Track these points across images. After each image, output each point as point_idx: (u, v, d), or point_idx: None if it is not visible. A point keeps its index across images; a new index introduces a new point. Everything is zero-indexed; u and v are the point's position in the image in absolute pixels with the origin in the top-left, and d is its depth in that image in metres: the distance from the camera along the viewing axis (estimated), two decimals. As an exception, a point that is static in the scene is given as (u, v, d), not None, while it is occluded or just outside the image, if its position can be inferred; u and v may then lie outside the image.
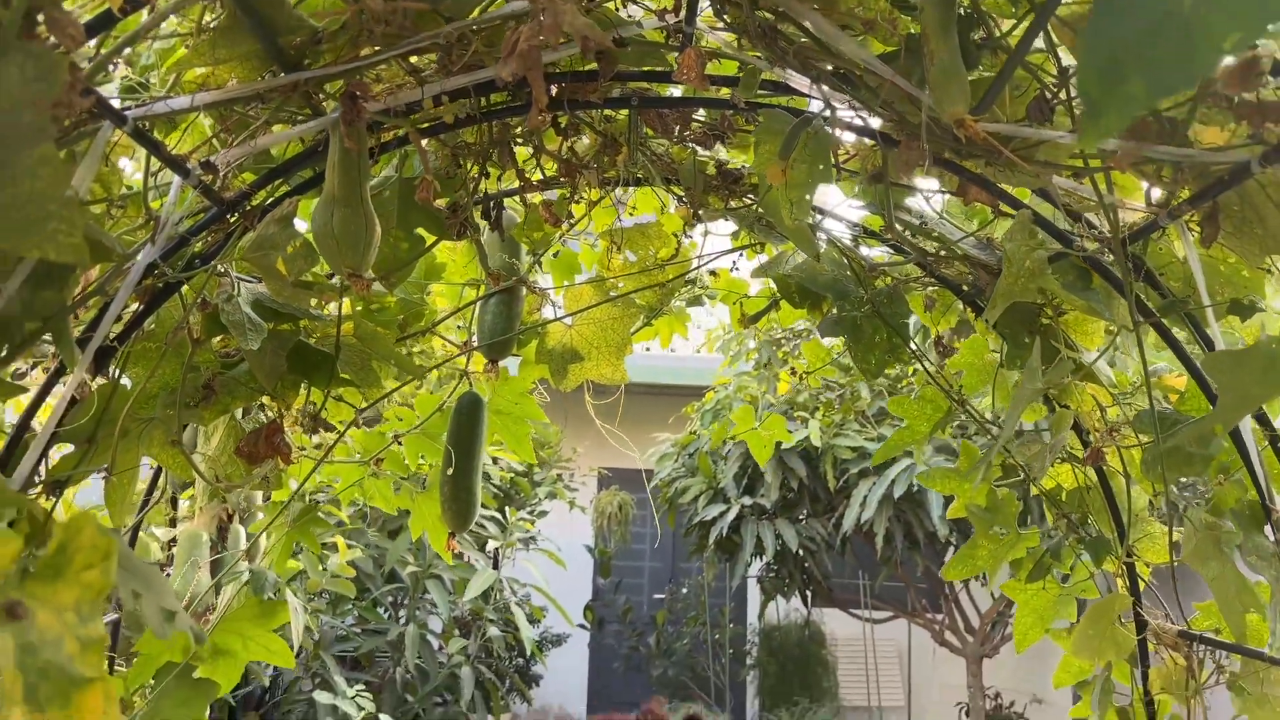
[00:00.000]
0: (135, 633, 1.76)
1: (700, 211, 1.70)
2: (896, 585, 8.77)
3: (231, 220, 1.35)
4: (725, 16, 1.24)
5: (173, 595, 0.81)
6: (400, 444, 1.77)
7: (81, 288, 1.22)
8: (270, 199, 1.35)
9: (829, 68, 1.21)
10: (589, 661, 10.10)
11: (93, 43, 1.06)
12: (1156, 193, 1.31)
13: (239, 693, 5.47)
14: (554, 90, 1.30)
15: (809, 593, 8.21)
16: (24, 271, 1.01)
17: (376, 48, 1.11)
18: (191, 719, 1.65)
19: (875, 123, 1.32)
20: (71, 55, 0.79)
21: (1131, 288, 1.32)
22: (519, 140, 1.52)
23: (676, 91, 1.47)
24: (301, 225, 1.33)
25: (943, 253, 1.64)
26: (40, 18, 0.78)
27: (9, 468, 1.24)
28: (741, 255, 1.88)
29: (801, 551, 7.12)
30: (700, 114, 1.49)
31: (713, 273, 1.90)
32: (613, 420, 2.22)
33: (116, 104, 1.12)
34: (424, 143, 1.42)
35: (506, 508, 5.54)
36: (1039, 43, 1.12)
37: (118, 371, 1.38)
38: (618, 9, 1.30)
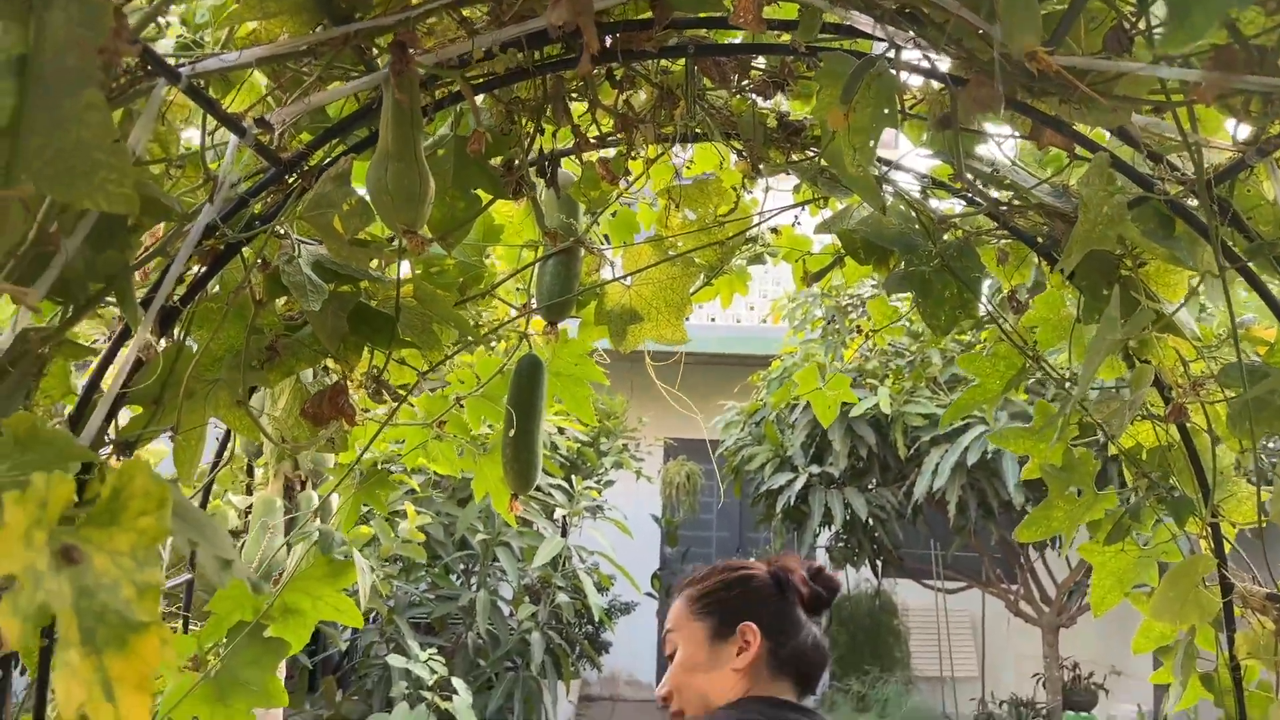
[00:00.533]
0: (207, 593, 1.80)
1: (761, 166, 1.66)
2: (970, 555, 8.64)
3: (290, 181, 1.35)
4: (783, -44, 1.20)
5: (229, 545, 0.81)
6: (462, 407, 1.78)
7: (144, 249, 1.23)
8: (328, 159, 1.35)
9: (892, 5, 1.16)
10: (658, 630, 10.16)
11: None
12: (1244, 129, 1.23)
13: (317, 657, 5.62)
14: (608, 41, 1.27)
15: (879, 562, 8.14)
16: (85, 229, 1.02)
17: (426, -2, 1.09)
18: (263, 677, 1.68)
19: (943, 65, 1.26)
20: (119, 3, 0.79)
21: (1217, 232, 1.25)
22: (574, 96, 1.50)
23: (735, 39, 1.43)
24: (361, 192, 1.33)
25: (1015, 202, 1.58)
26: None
27: (78, 428, 1.27)
28: (804, 211, 1.83)
29: (871, 521, 7.05)
30: (760, 62, 1.45)
31: (774, 230, 1.86)
32: (675, 389, 2.20)
33: (171, 63, 1.12)
34: (478, 99, 1.41)
35: (573, 477, 5.57)
36: (1117, -31, 1.06)
37: (183, 334, 1.40)
38: (672, -47, 1.26)
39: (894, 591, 9.51)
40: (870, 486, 7.27)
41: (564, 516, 5.31)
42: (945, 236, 1.71)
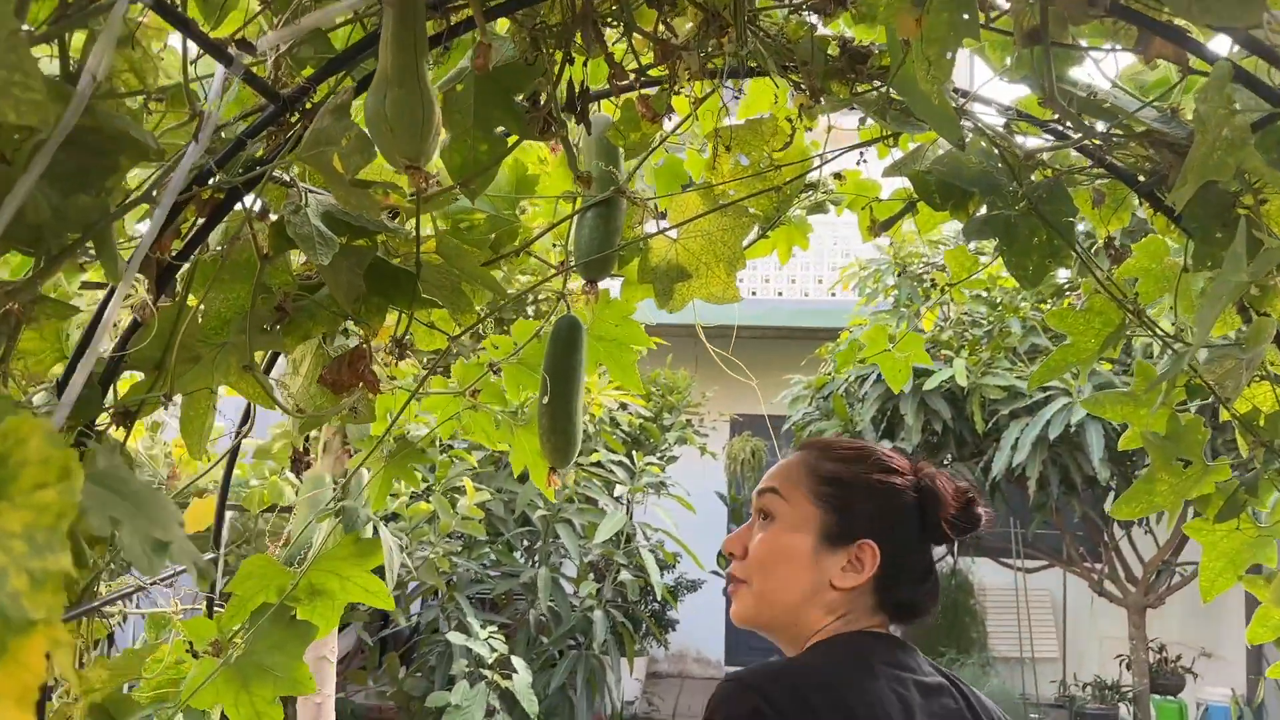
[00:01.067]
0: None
1: (821, 100, 1.49)
2: (1051, 533, 8.32)
3: (292, 121, 1.22)
4: None
5: (172, 523, 0.68)
6: (497, 374, 1.64)
7: (127, 197, 1.11)
8: (332, 94, 1.22)
9: (972, -116, 0.98)
10: (726, 607, 10.00)
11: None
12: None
13: (383, 634, 5.61)
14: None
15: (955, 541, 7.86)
16: (40, 165, 0.89)
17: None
18: (289, 663, 1.57)
19: (1031, -35, 1.08)
20: None
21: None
22: (608, 21, 1.34)
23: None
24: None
25: (1115, 133, 1.38)
26: None
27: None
28: (871, 152, 1.65)
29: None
30: (817, -27, 1.27)
31: (837, 175, 1.68)
32: (741, 363, 2.03)
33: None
34: (499, 23, 1.26)
35: (634, 452, 5.44)
36: None
37: (183, 292, 1.28)
38: None
39: (970, 571, 9.22)
40: (945, 462, 7.01)
41: (625, 493, 5.20)
42: (1033, 176, 1.51)
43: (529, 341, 1.65)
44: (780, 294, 12.27)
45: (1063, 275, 6.22)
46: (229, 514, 4.43)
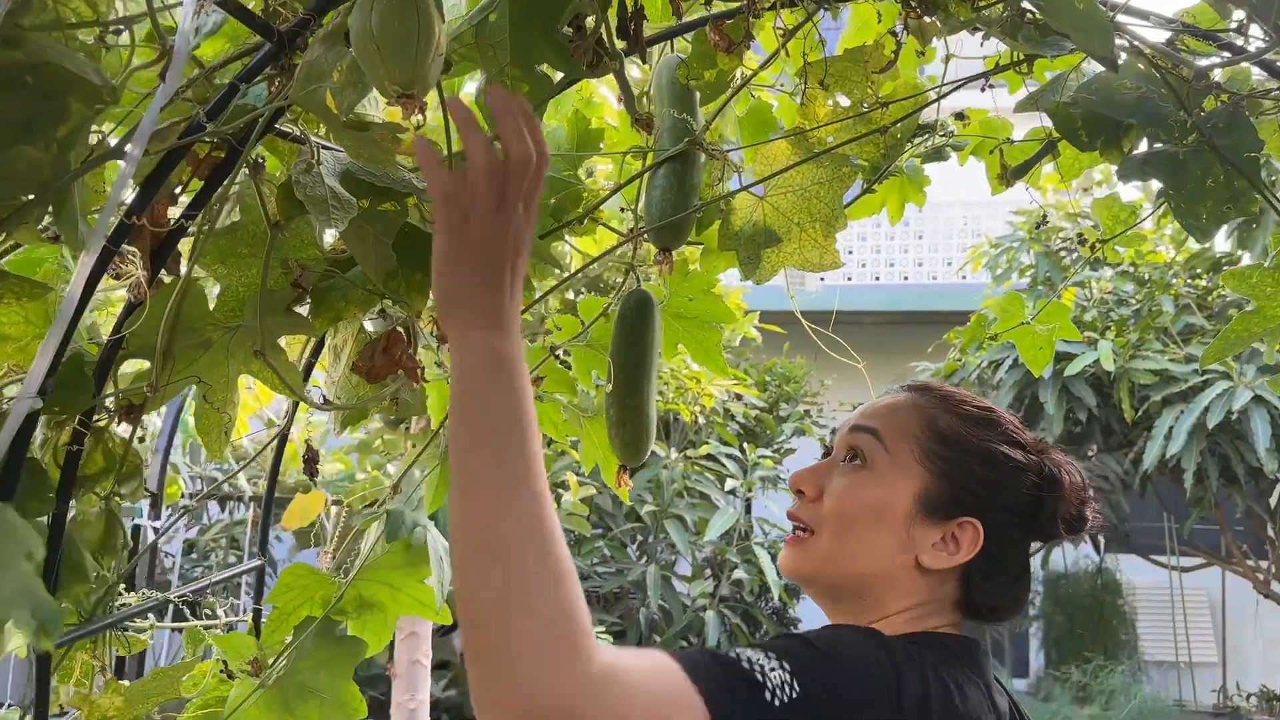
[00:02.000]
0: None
1: (936, 19, 1.23)
2: (1209, 528, 7.67)
3: (295, 62, 1.04)
4: None
5: (20, 556, 0.50)
6: (560, 358, 1.44)
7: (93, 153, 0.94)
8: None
9: None
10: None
11: None
12: None
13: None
14: None
15: (1101, 537, 7.35)
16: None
17: None
18: (336, 683, 1.41)
19: None
20: None
21: None
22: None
23: None
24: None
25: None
26: None
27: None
28: (1000, 88, 1.38)
29: (1093, 491, 6.30)
30: None
31: (959, 115, 1.41)
32: (863, 350, 1.78)
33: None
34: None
35: (746, 445, 5.18)
36: None
37: (189, 268, 1.12)
38: None
39: (1118, 569, 8.62)
40: (1090, 454, 6.53)
41: (736, 488, 4.95)
42: (1204, 103, 1.21)
43: (595, 321, 1.44)
44: (906, 278, 11.82)
45: (1220, 244, 5.62)
46: (333, 509, 4.36)
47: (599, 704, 0.72)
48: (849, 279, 11.85)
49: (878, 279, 11.85)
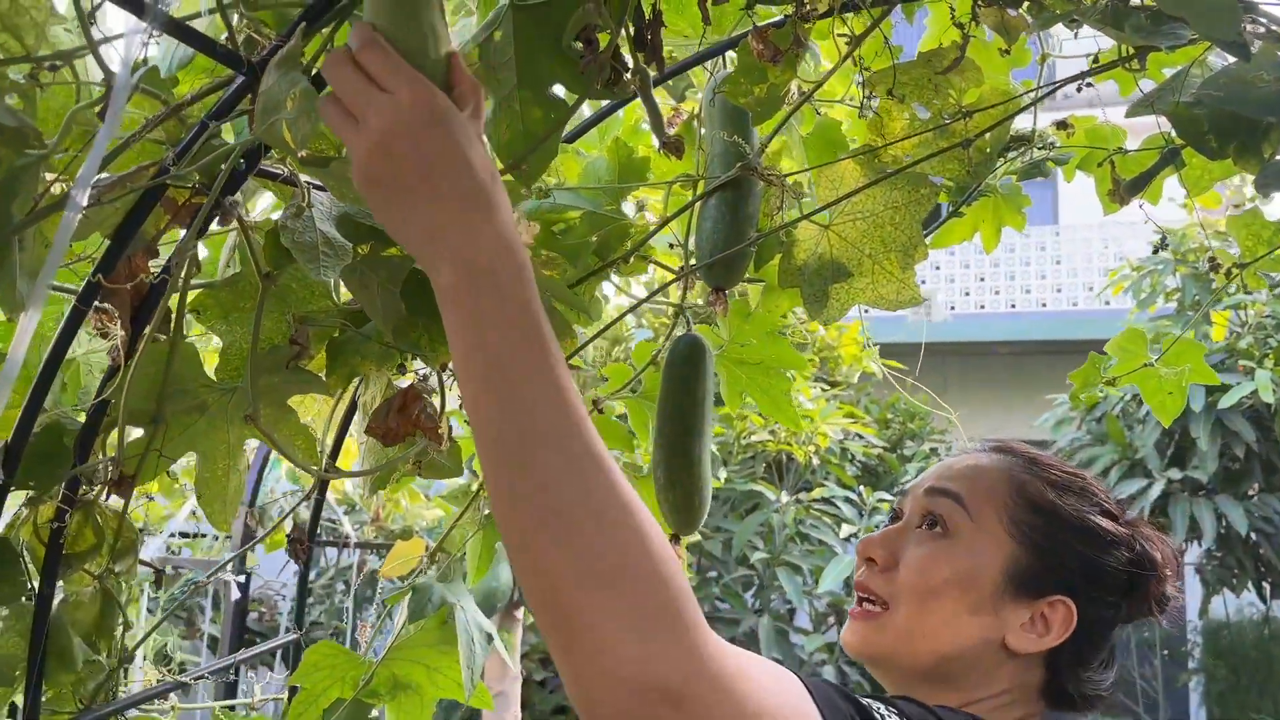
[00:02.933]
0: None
1: (1023, 11, 1.04)
2: (1396, 576, 6.89)
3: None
4: None
5: None
6: (604, 410, 1.29)
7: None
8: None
9: None
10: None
11: None
12: None
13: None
14: None
15: (1266, 584, 6.70)
16: None
17: None
18: (368, 773, 1.29)
19: None
20: None
21: None
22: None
23: None
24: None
25: None
26: None
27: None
28: (1109, 87, 1.17)
29: (1255, 535, 5.74)
30: None
31: (1060, 124, 1.21)
32: (997, 383, 1.57)
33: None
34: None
35: (862, 488, 4.88)
36: None
37: (174, 325, 1.03)
38: None
39: (1288, 619, 7.84)
40: (1250, 493, 5.96)
41: (855, 532, 4.66)
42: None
43: (644, 369, 1.29)
44: (1044, 305, 11.27)
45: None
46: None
47: (713, 685, 0.61)
48: (981, 307, 11.37)
49: (1013, 306, 11.34)
